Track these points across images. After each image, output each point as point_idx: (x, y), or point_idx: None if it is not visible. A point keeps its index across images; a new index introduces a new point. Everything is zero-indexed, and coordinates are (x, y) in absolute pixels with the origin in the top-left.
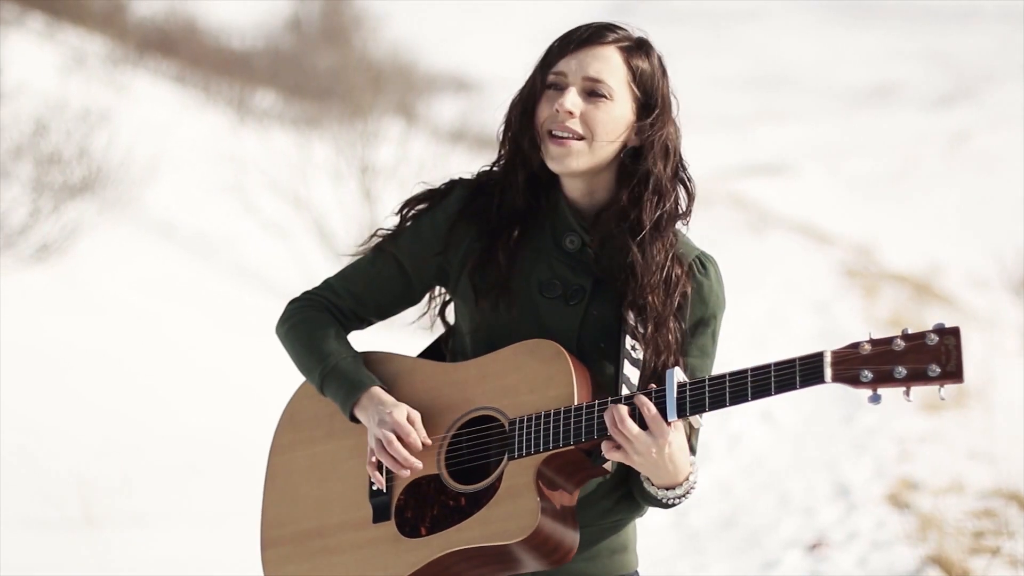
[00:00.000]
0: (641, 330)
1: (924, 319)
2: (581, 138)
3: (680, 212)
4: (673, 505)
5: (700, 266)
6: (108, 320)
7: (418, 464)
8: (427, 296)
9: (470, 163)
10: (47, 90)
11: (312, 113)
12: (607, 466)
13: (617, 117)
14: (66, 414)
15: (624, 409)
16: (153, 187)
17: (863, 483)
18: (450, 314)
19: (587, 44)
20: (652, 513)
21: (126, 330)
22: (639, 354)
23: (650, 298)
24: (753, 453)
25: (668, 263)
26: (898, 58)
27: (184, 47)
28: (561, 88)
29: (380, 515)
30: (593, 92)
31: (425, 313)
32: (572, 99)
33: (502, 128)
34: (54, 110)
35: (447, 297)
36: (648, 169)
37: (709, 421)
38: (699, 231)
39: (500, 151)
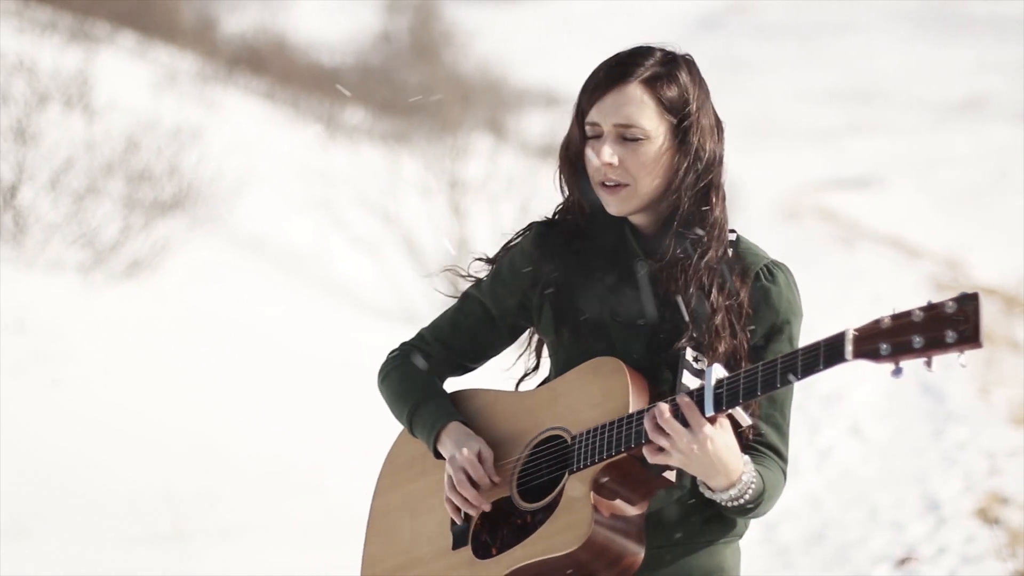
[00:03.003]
0: (704, 341)
1: (1015, 333)
2: (625, 185)
3: (716, 225)
4: (742, 509)
5: (767, 273)
6: (198, 336)
7: (485, 505)
8: (525, 336)
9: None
10: (138, 107)
11: (401, 128)
12: (669, 475)
13: (656, 153)
14: (155, 429)
15: (665, 407)
16: (243, 203)
17: (952, 498)
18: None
19: (611, 87)
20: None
21: (216, 346)
22: (701, 365)
23: (695, 311)
24: (842, 467)
25: (712, 276)
26: (988, 70)
27: (274, 63)
28: (599, 137)
29: (459, 542)
30: (628, 137)
31: (521, 355)
32: (608, 151)
33: (557, 173)
34: (145, 127)
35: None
36: (680, 192)
37: (797, 435)
38: (789, 244)
39: (562, 194)
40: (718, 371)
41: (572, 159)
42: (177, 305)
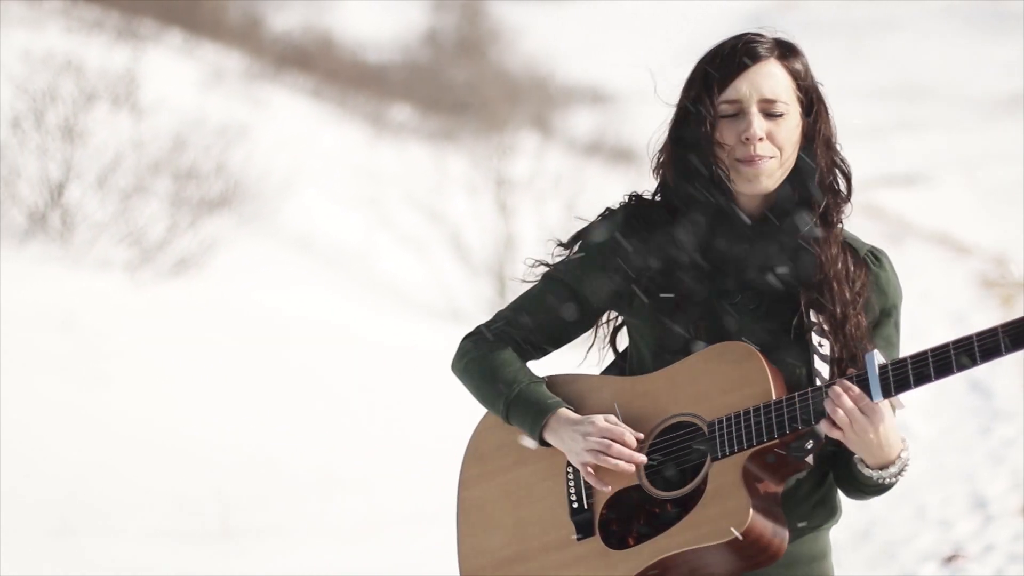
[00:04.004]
0: (826, 326)
1: None
2: (771, 158)
3: (843, 199)
4: (887, 487)
5: (874, 258)
6: (245, 333)
7: (642, 458)
8: (596, 324)
9: (606, 175)
10: (185, 106)
11: (448, 126)
12: (809, 460)
13: (795, 128)
14: (203, 427)
15: (840, 391)
16: (290, 201)
17: (1000, 495)
18: (620, 341)
19: (750, 64)
20: None
21: (263, 343)
22: (826, 350)
23: (835, 287)
24: None
25: (842, 253)
26: None
27: (320, 62)
28: (738, 115)
29: (584, 531)
30: (771, 112)
31: (592, 345)
32: (759, 124)
33: (662, 159)
34: (192, 125)
35: (618, 322)
36: (814, 165)
37: None
38: None
39: (661, 182)
40: (878, 357)
41: (687, 142)
42: (224, 303)
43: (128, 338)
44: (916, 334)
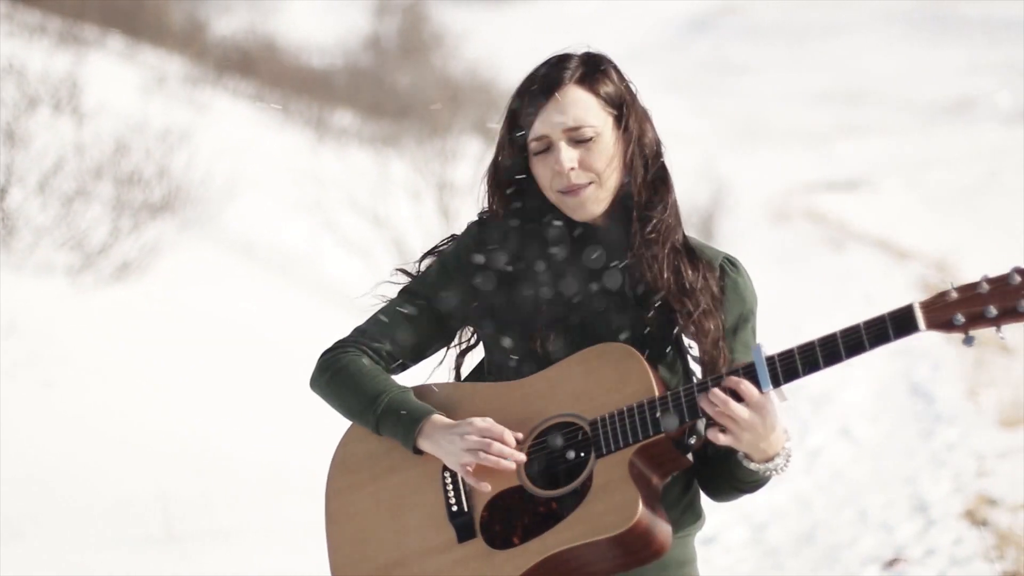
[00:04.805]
0: (692, 329)
1: (1002, 332)
2: (589, 183)
3: (667, 204)
4: (766, 480)
5: (731, 265)
6: (188, 338)
7: (522, 457)
8: (453, 339)
9: None
10: (127, 110)
11: (390, 131)
12: (690, 457)
13: (609, 146)
14: (147, 431)
15: (720, 393)
16: (232, 206)
17: (942, 499)
18: (466, 365)
19: (551, 94)
20: (731, 529)
21: (207, 347)
22: (693, 351)
23: (672, 288)
24: (831, 469)
25: (677, 254)
26: (978, 71)
27: (263, 66)
28: (548, 149)
29: (465, 534)
30: (578, 139)
31: (440, 363)
32: (567, 156)
33: (486, 198)
34: (134, 130)
35: (470, 343)
36: (632, 175)
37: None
38: (779, 245)
39: (492, 210)
40: (765, 349)
41: (505, 182)
42: (167, 307)
43: (71, 342)
44: None
